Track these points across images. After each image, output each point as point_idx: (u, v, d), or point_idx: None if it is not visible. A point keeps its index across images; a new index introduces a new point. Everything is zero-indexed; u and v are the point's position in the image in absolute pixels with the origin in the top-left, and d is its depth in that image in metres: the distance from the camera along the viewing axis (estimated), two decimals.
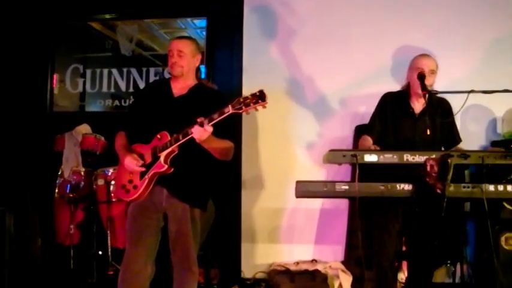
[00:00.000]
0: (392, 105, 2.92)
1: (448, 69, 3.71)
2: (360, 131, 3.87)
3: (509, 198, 3.00)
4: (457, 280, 3.61)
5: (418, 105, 2.89)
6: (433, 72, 2.85)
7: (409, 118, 2.88)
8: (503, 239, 3.53)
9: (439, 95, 2.93)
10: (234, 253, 4.00)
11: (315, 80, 4.06)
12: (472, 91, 2.58)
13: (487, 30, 4.05)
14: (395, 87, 3.22)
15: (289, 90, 4.06)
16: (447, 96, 2.87)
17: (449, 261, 3.57)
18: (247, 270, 3.97)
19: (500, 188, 2.22)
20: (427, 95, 2.57)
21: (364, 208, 3.05)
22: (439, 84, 2.99)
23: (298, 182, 2.25)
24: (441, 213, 2.17)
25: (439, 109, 2.91)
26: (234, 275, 3.94)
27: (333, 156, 2.25)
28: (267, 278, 3.81)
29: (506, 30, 4.08)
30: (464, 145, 3.21)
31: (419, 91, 2.72)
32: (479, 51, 4.05)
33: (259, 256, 4.03)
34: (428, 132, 2.79)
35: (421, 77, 2.71)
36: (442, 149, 2.86)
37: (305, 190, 2.24)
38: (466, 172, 3.47)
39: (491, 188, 2.22)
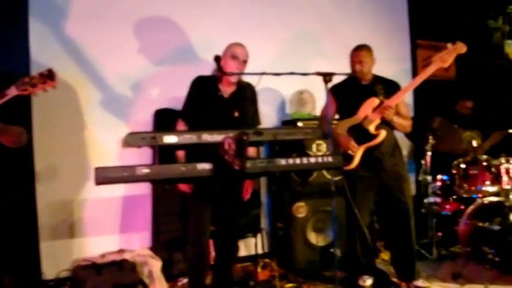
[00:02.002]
0: (202, 89, 2.98)
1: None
2: (159, 115, 3.89)
3: (298, 170, 3.35)
4: (259, 251, 3.94)
5: (227, 88, 3.01)
6: (246, 61, 3.01)
7: (218, 101, 2.97)
8: (294, 208, 3.92)
9: (243, 79, 3.09)
10: (32, 254, 3.62)
11: (113, 62, 3.89)
12: (264, 73, 2.75)
13: (281, 22, 4.52)
14: (194, 71, 3.28)
15: (85, 72, 3.80)
16: (242, 78, 3.01)
17: (250, 234, 3.80)
18: (49, 271, 3.64)
19: (290, 161, 2.40)
20: (236, 79, 2.70)
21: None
22: None
23: (97, 169, 2.12)
24: (240, 188, 2.32)
25: (247, 93, 3.09)
26: (34, 279, 3.58)
27: (131, 139, 2.17)
28: (72, 276, 3.57)
29: (297, 24, 4.56)
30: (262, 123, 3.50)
31: (230, 71, 2.89)
32: (273, 40, 4.47)
33: (61, 254, 3.72)
34: (236, 115, 2.94)
35: (217, 59, 2.81)
36: None
37: (105, 176, 2.12)
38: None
39: (283, 161, 2.39)
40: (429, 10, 5.42)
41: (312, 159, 2.46)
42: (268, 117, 4.43)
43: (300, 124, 3.93)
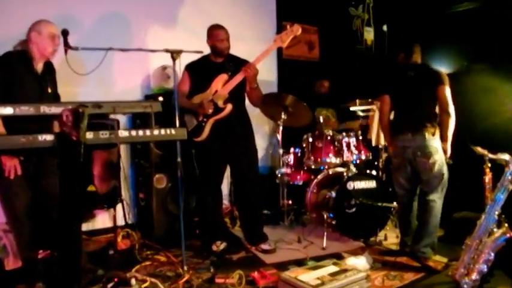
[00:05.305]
0: (16, 65, 2.91)
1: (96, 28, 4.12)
2: None
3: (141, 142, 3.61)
4: (122, 222, 4.04)
5: (40, 65, 3.00)
6: (59, 37, 2.98)
7: (33, 77, 2.96)
8: (155, 179, 4.07)
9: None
10: None
11: None
12: (110, 48, 2.83)
13: None
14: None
15: None
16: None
17: (106, 205, 3.87)
18: None
19: (133, 133, 2.53)
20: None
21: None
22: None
23: None
24: (79, 158, 2.38)
25: (52, 69, 3.11)
26: None
27: None
28: None
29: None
30: (126, 97, 3.73)
31: (50, 50, 2.93)
32: (139, 17, 4.55)
33: None
34: (50, 90, 2.99)
35: (65, 32, 2.83)
36: None
37: None
38: None
39: (125, 133, 2.51)
40: None
41: (155, 132, 2.60)
42: (133, 91, 4.51)
43: (160, 98, 4.04)
